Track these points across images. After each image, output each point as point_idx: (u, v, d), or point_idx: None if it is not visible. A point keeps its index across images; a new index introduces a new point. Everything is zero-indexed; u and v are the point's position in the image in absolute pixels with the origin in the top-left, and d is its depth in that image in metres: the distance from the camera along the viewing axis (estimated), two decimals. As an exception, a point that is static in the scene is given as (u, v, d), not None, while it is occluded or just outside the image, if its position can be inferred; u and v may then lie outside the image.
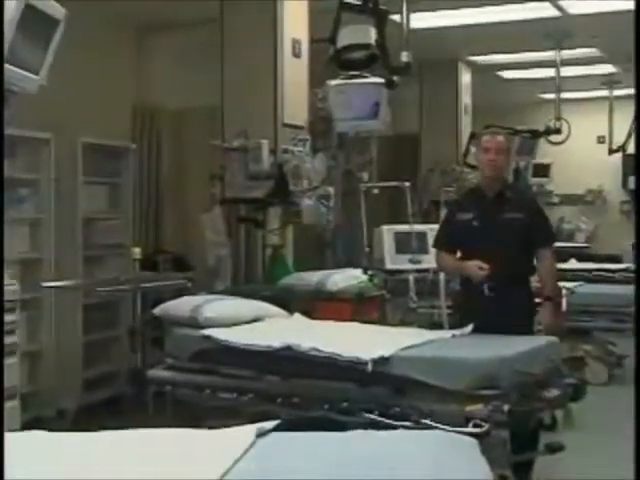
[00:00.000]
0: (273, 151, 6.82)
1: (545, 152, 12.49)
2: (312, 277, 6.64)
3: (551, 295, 5.15)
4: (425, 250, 6.64)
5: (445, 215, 5.92)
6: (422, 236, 6.83)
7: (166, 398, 5.32)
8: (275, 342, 4.58)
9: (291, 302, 5.96)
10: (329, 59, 6.48)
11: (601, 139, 13.68)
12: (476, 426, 3.90)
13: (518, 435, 4.23)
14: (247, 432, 2.96)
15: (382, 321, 6.29)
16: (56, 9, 4.69)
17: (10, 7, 4.29)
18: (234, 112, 7.04)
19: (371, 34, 6.26)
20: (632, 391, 4.19)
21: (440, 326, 6.42)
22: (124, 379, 7.02)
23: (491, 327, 4.70)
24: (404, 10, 6.21)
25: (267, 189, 6.74)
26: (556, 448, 4.52)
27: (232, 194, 6.96)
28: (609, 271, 9.62)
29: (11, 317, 5.47)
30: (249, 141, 6.79)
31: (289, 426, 3.12)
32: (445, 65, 11.20)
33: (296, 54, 7.11)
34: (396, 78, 6.18)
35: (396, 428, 3.88)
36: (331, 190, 6.89)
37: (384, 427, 3.92)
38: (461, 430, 3.76)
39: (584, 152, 14.02)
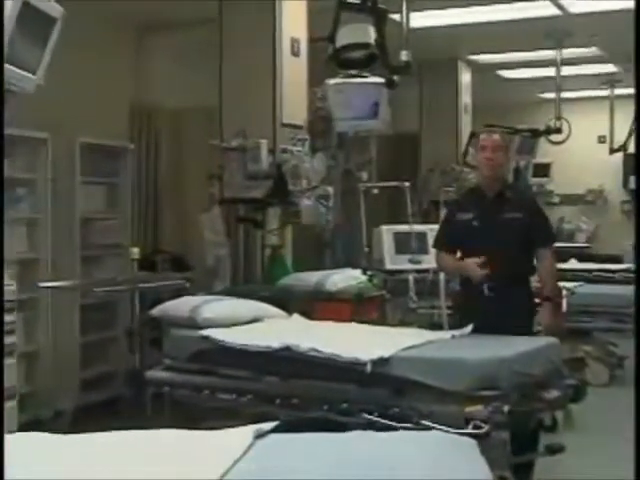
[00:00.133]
0: (272, 151, 6.82)
1: (545, 152, 12.47)
2: (311, 277, 6.62)
3: (551, 295, 5.13)
4: (425, 250, 6.63)
5: (445, 215, 5.91)
6: (422, 236, 6.83)
7: (164, 399, 5.30)
8: (274, 343, 4.57)
9: (290, 302, 5.95)
10: (328, 58, 6.45)
11: (602, 139, 13.66)
12: (476, 427, 3.89)
13: (518, 436, 4.22)
14: (246, 433, 2.93)
15: (381, 321, 6.28)
16: (53, 8, 4.68)
17: (7, 5, 4.28)
18: (233, 112, 7.04)
19: (370, 33, 6.23)
20: (633, 392, 4.15)
21: (440, 326, 6.42)
22: (122, 380, 6.98)
23: (491, 327, 4.68)
24: (403, 9, 6.18)
25: (266, 189, 6.74)
26: (556, 449, 4.51)
27: (231, 194, 6.95)
28: (610, 271, 9.61)
29: (9, 317, 5.45)
30: (248, 141, 6.79)
31: (288, 427, 3.09)
32: (445, 64, 11.18)
33: (295, 53, 7.11)
34: (396, 77, 6.14)
35: (395, 429, 3.86)
36: (330, 190, 6.88)
37: (383, 428, 3.90)
38: (461, 431, 3.75)
39: (585, 152, 14.01)
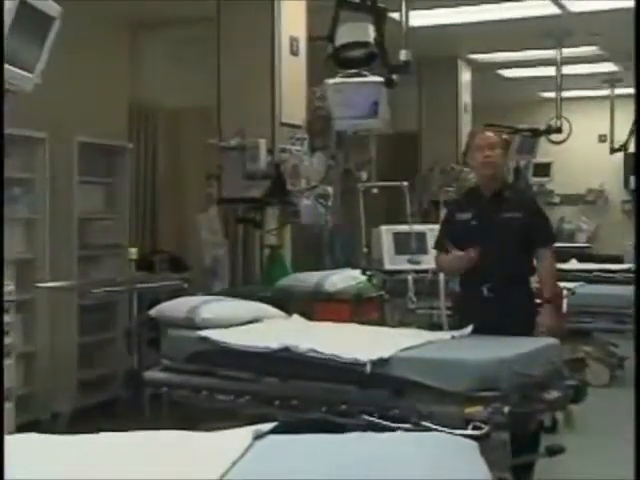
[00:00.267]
0: (271, 150, 6.81)
1: (546, 151, 12.45)
2: (310, 278, 6.60)
3: (551, 297, 5.10)
4: (424, 250, 6.61)
5: (444, 216, 5.91)
6: (421, 236, 6.80)
7: (162, 400, 5.30)
8: (273, 343, 4.56)
9: (289, 303, 5.96)
10: (327, 57, 6.43)
11: (602, 138, 13.65)
12: (476, 428, 3.89)
13: (518, 437, 4.20)
14: (244, 434, 2.93)
15: (381, 322, 6.27)
16: (51, 6, 4.68)
17: (5, 4, 4.26)
18: (231, 111, 7.03)
19: (370, 32, 6.22)
20: (633, 393, 4.12)
21: (439, 327, 6.39)
22: (120, 381, 6.92)
23: (491, 328, 4.67)
24: (403, 8, 6.17)
25: (264, 189, 6.74)
26: (557, 450, 4.52)
27: (229, 194, 6.95)
28: (610, 272, 9.59)
29: (6, 318, 5.43)
30: (246, 140, 6.78)
31: (287, 428, 3.09)
32: (445, 63, 11.17)
33: (294, 52, 7.10)
34: (395, 77, 6.12)
35: (395, 430, 3.84)
36: (329, 190, 6.86)
37: (383, 429, 3.89)
38: (461, 432, 3.75)
39: (585, 151, 14.01)
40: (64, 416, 6.66)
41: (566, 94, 11.10)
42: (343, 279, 6.56)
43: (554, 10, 8.74)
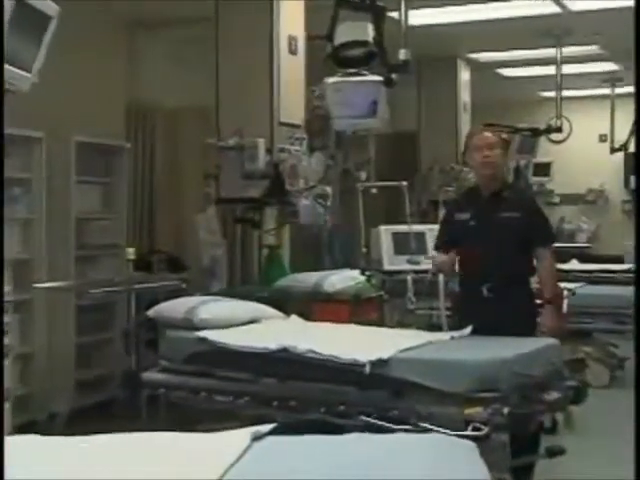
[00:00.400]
0: (269, 150, 6.79)
1: (546, 151, 12.44)
2: (309, 278, 6.61)
3: (552, 298, 5.08)
4: (424, 251, 6.61)
5: (444, 216, 5.88)
6: (421, 236, 6.81)
7: (160, 401, 5.31)
8: (271, 344, 4.56)
9: (288, 303, 5.95)
10: (326, 56, 6.41)
11: (603, 137, 13.64)
12: (475, 429, 3.89)
13: (518, 438, 4.19)
14: (243, 435, 2.92)
15: (380, 323, 6.28)
16: (48, 5, 4.65)
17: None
18: (229, 110, 7.04)
19: (369, 31, 6.19)
20: (633, 393, 4.11)
21: (439, 328, 6.36)
22: (118, 382, 6.91)
23: (490, 328, 4.66)
24: (402, 6, 6.15)
25: (263, 189, 6.73)
26: (557, 452, 4.51)
27: (227, 194, 6.95)
28: (611, 272, 9.57)
29: (4, 318, 5.39)
30: (245, 140, 6.78)
31: (285, 429, 3.08)
32: (444, 62, 11.18)
33: (292, 51, 7.11)
34: (394, 76, 6.10)
35: (394, 431, 3.85)
36: (328, 190, 6.88)
37: (382, 430, 3.89)
38: (460, 433, 3.74)
39: (585, 151, 14.00)
40: (61, 417, 6.63)
41: (566, 93, 11.09)
42: (342, 279, 6.57)
43: (554, 9, 8.74)
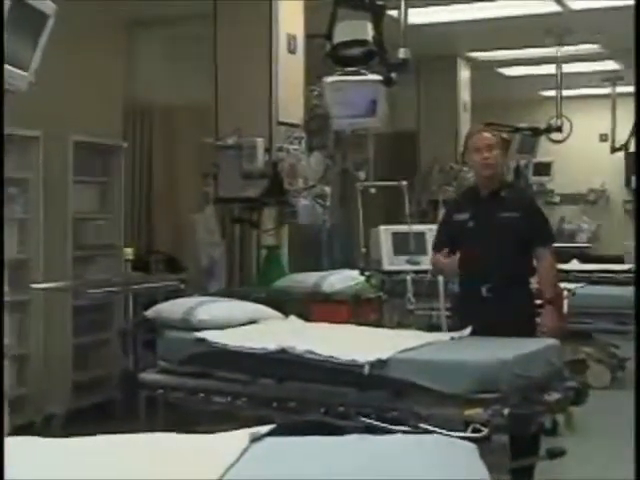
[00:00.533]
0: (268, 149, 6.77)
1: (546, 150, 12.40)
2: (308, 278, 6.59)
3: (551, 298, 5.07)
4: (423, 251, 6.62)
5: (443, 216, 5.90)
6: (420, 236, 6.82)
7: (158, 402, 5.32)
8: (270, 345, 4.56)
9: (286, 304, 5.93)
10: (325, 55, 6.39)
11: (603, 137, 13.60)
12: (475, 430, 3.89)
13: (518, 440, 4.20)
14: (241, 437, 2.91)
15: (379, 323, 6.23)
16: (45, 4, 4.63)
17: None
18: (228, 109, 7.00)
19: (368, 30, 6.18)
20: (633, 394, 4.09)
21: (438, 328, 6.39)
22: (115, 383, 6.92)
23: (490, 328, 4.66)
24: (402, 5, 6.13)
25: (261, 188, 6.71)
26: (557, 453, 4.51)
27: (226, 193, 6.92)
28: (611, 272, 9.56)
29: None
30: (243, 139, 6.74)
31: (284, 430, 3.08)
32: (444, 61, 11.14)
33: (291, 50, 7.07)
34: (394, 75, 6.08)
35: (393, 432, 3.84)
36: (327, 189, 6.84)
37: (381, 431, 3.89)
38: (460, 434, 3.75)
39: (586, 150, 13.97)
40: (58, 418, 6.64)
41: (567, 92, 11.07)
42: (341, 280, 6.55)
43: (555, 7, 8.71)
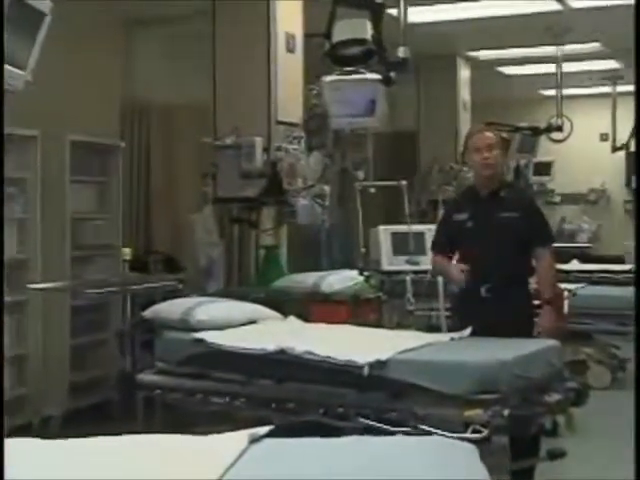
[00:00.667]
0: (266, 149, 6.78)
1: (546, 150, 12.42)
2: (307, 278, 6.59)
3: (550, 298, 5.06)
4: (423, 251, 6.62)
5: (442, 216, 5.89)
6: (420, 236, 6.83)
7: (156, 403, 5.32)
8: (269, 345, 4.56)
9: (285, 304, 5.93)
10: (324, 54, 6.37)
11: (604, 136, 13.61)
12: (475, 432, 3.88)
13: (518, 441, 4.17)
14: (240, 438, 2.91)
15: (379, 324, 6.22)
16: (42, 2, 4.62)
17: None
18: (226, 109, 7.01)
19: (367, 29, 6.17)
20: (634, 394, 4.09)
21: (438, 329, 6.38)
22: (113, 384, 6.89)
23: (489, 329, 4.65)
24: (401, 4, 6.13)
25: (260, 188, 6.70)
26: (558, 454, 4.49)
27: (224, 193, 6.91)
28: (612, 272, 9.54)
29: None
30: (242, 138, 6.74)
31: (283, 432, 3.08)
32: (443, 61, 11.14)
33: (290, 49, 7.08)
34: (393, 74, 6.06)
35: (393, 434, 3.87)
36: (326, 189, 6.85)
37: (381, 433, 3.90)
38: (460, 436, 3.74)
39: (586, 150, 13.97)
40: (56, 419, 6.63)
41: (567, 92, 11.09)
42: (340, 280, 6.54)
43: (555, 6, 8.70)
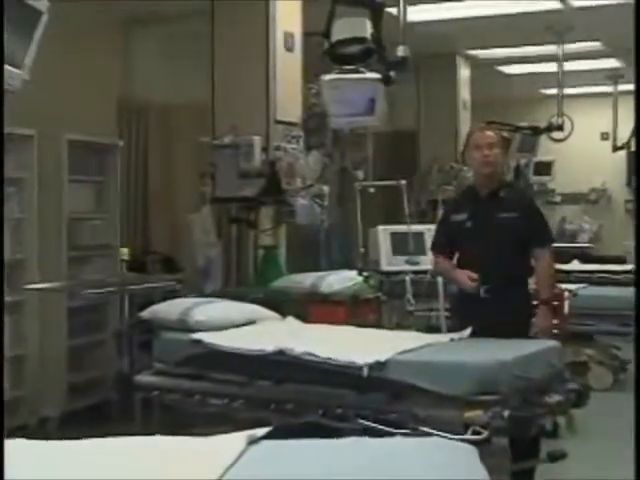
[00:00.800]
0: (265, 148, 6.78)
1: (547, 149, 12.39)
2: (306, 279, 6.59)
3: (548, 299, 5.06)
4: (422, 251, 6.63)
5: (441, 216, 5.89)
6: (419, 237, 6.84)
7: (154, 404, 5.28)
8: (267, 346, 4.56)
9: (284, 305, 5.94)
10: (323, 53, 6.35)
11: (605, 136, 13.58)
12: (475, 433, 3.89)
13: (518, 442, 4.16)
14: (238, 439, 2.90)
15: (378, 324, 6.23)
16: (39, 1, 4.57)
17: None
18: (224, 108, 7.02)
19: (367, 27, 6.14)
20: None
21: (438, 329, 6.38)
22: (110, 384, 6.86)
23: (488, 329, 4.65)
24: (401, 2, 6.09)
25: (259, 188, 6.69)
26: (558, 456, 4.48)
27: (222, 193, 6.91)
28: (613, 273, 9.53)
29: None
30: (240, 138, 6.73)
31: (281, 433, 3.06)
32: (443, 60, 11.14)
33: (289, 48, 7.09)
34: (393, 73, 6.04)
35: (393, 435, 3.85)
36: (325, 189, 6.86)
37: (380, 434, 3.89)
38: (460, 437, 3.74)
39: (587, 149, 13.95)
40: (53, 420, 6.62)
41: (568, 91, 11.07)
42: (339, 280, 6.54)
43: (556, 5, 8.70)
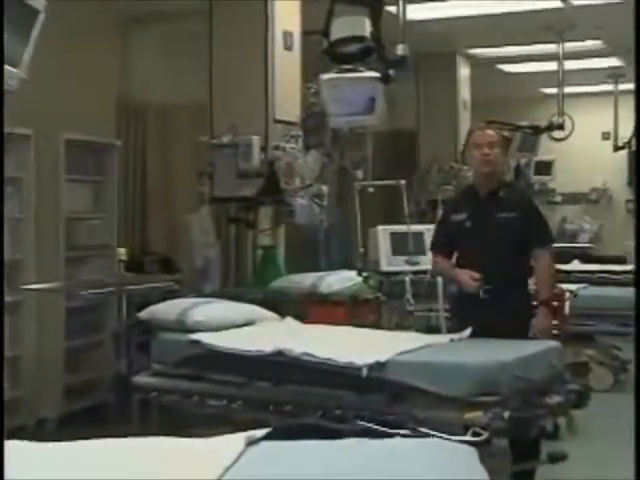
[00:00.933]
0: (264, 148, 6.79)
1: (548, 149, 12.41)
2: (305, 279, 6.59)
3: (547, 299, 5.05)
4: (422, 251, 6.63)
5: (440, 216, 5.89)
6: (419, 237, 6.84)
7: (152, 405, 5.30)
8: (266, 347, 4.55)
9: (283, 305, 5.94)
10: (322, 52, 6.33)
11: (606, 135, 13.59)
12: (475, 434, 3.87)
13: (519, 443, 4.17)
14: (237, 440, 2.90)
15: (377, 325, 6.22)
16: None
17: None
18: (223, 107, 7.03)
19: (366, 26, 6.14)
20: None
21: (437, 330, 6.38)
22: (108, 385, 6.89)
23: (487, 330, 4.64)
24: (400, 1, 6.08)
25: (257, 187, 6.70)
26: (559, 457, 4.46)
27: (221, 193, 6.92)
28: (613, 273, 9.52)
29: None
30: (239, 137, 6.74)
31: (280, 434, 3.05)
32: (443, 58, 11.15)
33: (288, 47, 7.10)
34: (392, 72, 6.03)
35: (392, 436, 3.80)
36: (325, 188, 6.87)
37: (380, 435, 3.86)
38: (460, 438, 3.73)
39: (588, 149, 13.96)
40: (51, 421, 6.62)
41: (568, 90, 11.05)
42: (339, 280, 6.54)
43: (556, 3, 8.71)
